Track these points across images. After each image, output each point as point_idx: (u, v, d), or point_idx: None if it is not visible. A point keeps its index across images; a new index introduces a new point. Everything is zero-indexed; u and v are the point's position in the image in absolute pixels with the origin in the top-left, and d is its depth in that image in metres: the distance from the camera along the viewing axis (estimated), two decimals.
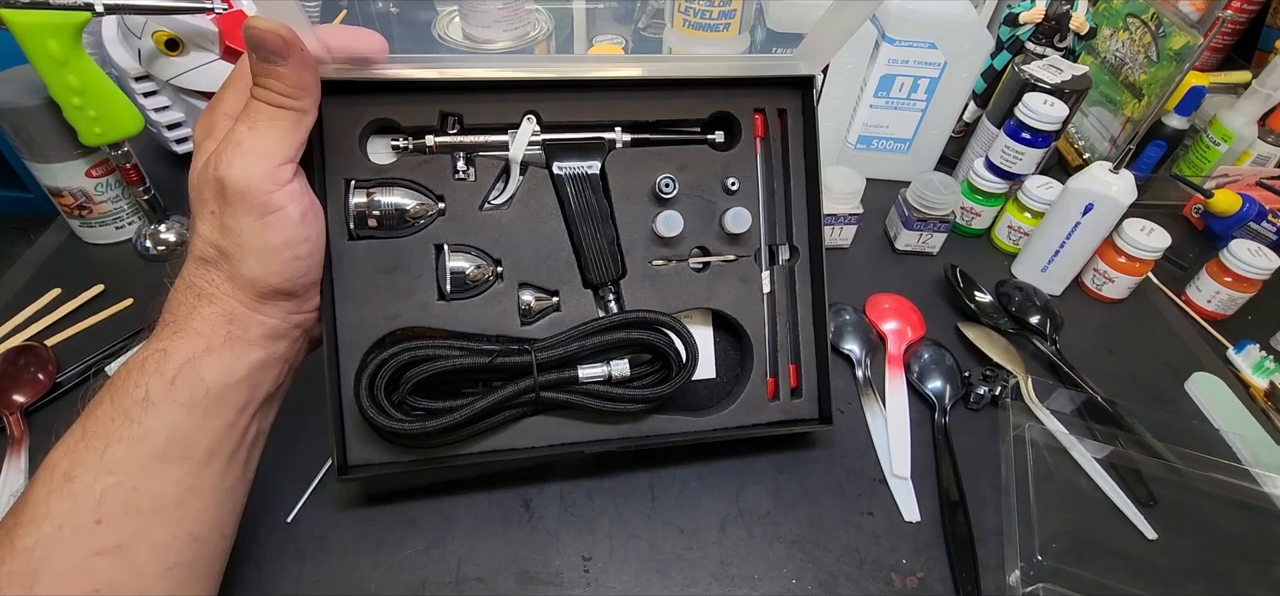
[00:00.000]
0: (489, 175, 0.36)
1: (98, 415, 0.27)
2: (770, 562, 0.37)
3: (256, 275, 0.28)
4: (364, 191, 0.33)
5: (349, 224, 0.33)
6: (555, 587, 0.36)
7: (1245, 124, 0.65)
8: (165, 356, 0.27)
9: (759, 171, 0.39)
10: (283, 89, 0.28)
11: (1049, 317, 0.51)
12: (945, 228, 0.57)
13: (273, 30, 0.26)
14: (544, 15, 0.61)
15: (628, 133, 0.37)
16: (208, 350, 0.28)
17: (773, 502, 0.40)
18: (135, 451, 0.26)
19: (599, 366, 0.35)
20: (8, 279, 0.51)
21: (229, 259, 0.28)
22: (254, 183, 0.27)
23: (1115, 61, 0.66)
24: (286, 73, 0.27)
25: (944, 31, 0.56)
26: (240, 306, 0.29)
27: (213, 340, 0.28)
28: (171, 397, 0.27)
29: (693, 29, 0.56)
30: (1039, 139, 0.55)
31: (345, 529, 0.38)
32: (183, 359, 0.27)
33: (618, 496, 0.40)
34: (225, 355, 0.28)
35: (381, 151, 0.34)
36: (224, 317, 0.28)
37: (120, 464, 0.26)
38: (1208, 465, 0.43)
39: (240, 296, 0.29)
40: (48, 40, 0.41)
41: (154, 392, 0.27)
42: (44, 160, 0.48)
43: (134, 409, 0.27)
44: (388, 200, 0.33)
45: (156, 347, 0.28)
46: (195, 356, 0.28)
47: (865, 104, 0.61)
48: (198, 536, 0.28)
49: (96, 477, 0.26)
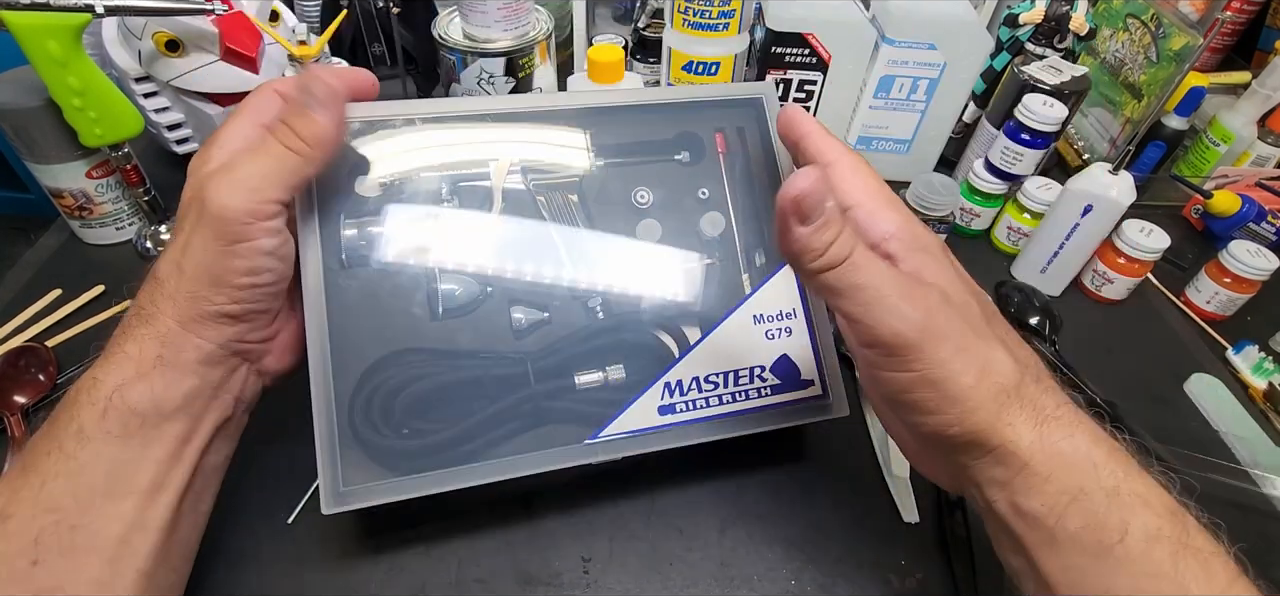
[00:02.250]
0: (473, 200, 0.36)
1: (36, 450, 0.26)
2: (769, 563, 0.37)
3: (201, 293, 0.27)
4: (354, 224, 0.34)
5: (341, 256, 0.33)
6: (555, 588, 0.36)
7: (1245, 124, 0.65)
8: (95, 385, 0.26)
9: (726, 183, 0.40)
10: (306, 135, 0.28)
11: (1048, 318, 0.51)
12: (945, 229, 0.57)
13: (328, 84, 0.28)
14: (544, 15, 0.61)
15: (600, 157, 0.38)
16: (138, 376, 0.26)
17: (772, 503, 0.40)
18: (72, 486, 0.25)
19: (595, 372, 0.36)
20: (8, 279, 0.51)
21: (181, 274, 0.27)
22: (233, 210, 0.26)
23: (1115, 62, 0.66)
24: (319, 122, 0.28)
25: (944, 32, 0.56)
26: (176, 326, 0.27)
27: (143, 364, 0.27)
28: (104, 429, 0.26)
29: (692, 29, 0.56)
30: (1038, 140, 0.55)
31: (345, 529, 0.38)
32: (112, 387, 0.26)
33: (618, 496, 0.40)
34: (155, 381, 0.27)
35: (369, 185, 0.35)
36: (156, 339, 0.27)
37: (59, 500, 0.25)
38: (1207, 466, 0.43)
39: (178, 314, 0.27)
40: (48, 41, 0.41)
41: (87, 424, 0.26)
42: (44, 161, 0.48)
43: (68, 442, 0.26)
44: (377, 230, 0.34)
45: (88, 376, 0.27)
46: (124, 383, 0.26)
47: (865, 105, 0.61)
48: (145, 572, 0.27)
49: (33, 516, 0.25)
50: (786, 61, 0.59)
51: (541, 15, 0.61)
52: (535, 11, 0.60)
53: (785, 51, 0.58)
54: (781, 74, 0.60)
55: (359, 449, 0.32)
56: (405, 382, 0.33)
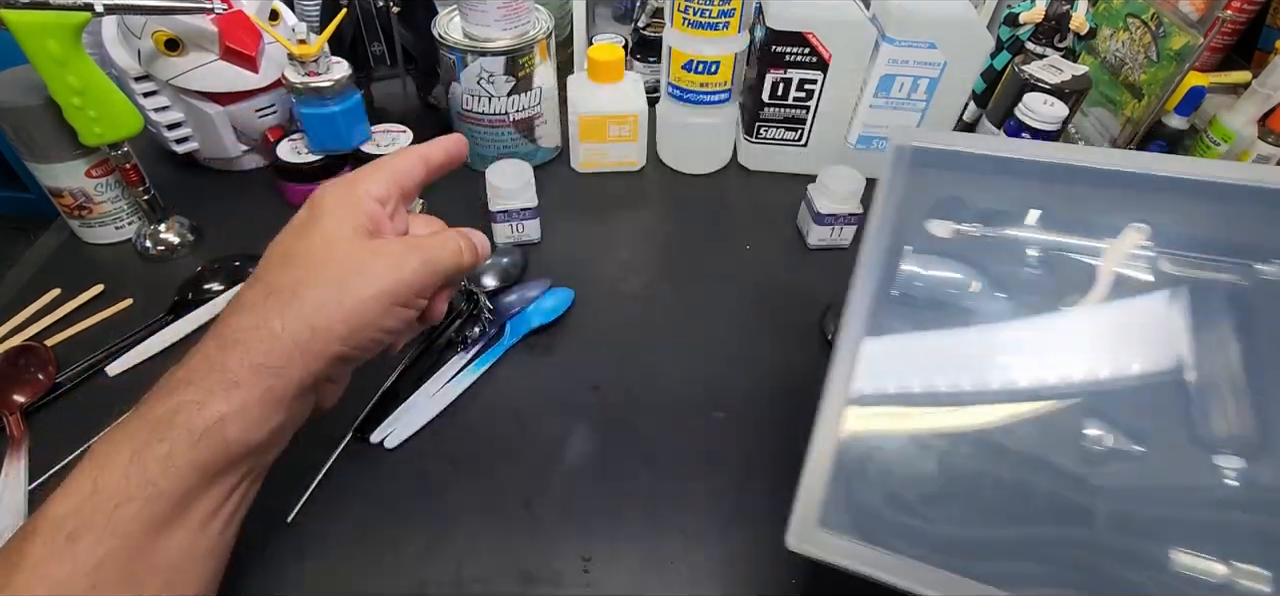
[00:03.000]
0: (1068, 274, 0.29)
1: (113, 465, 0.25)
2: (770, 563, 0.37)
3: (328, 317, 0.28)
4: (918, 261, 0.31)
5: (893, 288, 0.30)
6: (555, 587, 0.36)
7: (1245, 124, 0.65)
8: (199, 411, 0.26)
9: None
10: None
11: None
12: None
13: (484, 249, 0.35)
14: (544, 14, 0.61)
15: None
16: (242, 408, 0.26)
17: (772, 503, 0.40)
18: (145, 513, 0.25)
19: (1211, 560, 0.23)
20: (8, 279, 0.51)
21: (296, 292, 0.28)
22: (361, 198, 0.30)
23: (1115, 61, 0.66)
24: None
25: (944, 31, 0.56)
26: (295, 352, 0.27)
27: (249, 397, 0.26)
28: (193, 458, 0.25)
29: (692, 28, 0.56)
30: (1039, 139, 0.55)
31: (345, 529, 0.38)
32: (214, 417, 0.26)
33: (618, 496, 0.40)
34: (254, 413, 0.27)
35: (943, 226, 0.31)
36: (268, 370, 0.27)
37: (127, 527, 0.24)
38: None
39: (300, 340, 0.27)
40: (47, 40, 0.41)
41: (177, 452, 0.25)
42: (44, 160, 0.48)
43: (154, 466, 0.25)
44: (932, 274, 0.31)
45: (189, 400, 0.26)
46: (227, 415, 0.26)
47: (865, 104, 0.61)
48: (202, 584, 0.28)
49: (100, 540, 0.24)
50: (786, 61, 0.59)
51: (541, 15, 0.61)
52: (535, 11, 0.60)
53: (785, 51, 0.58)
54: (781, 73, 0.60)
55: (839, 492, 0.27)
56: (920, 448, 0.27)
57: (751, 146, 0.66)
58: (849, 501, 0.26)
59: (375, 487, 0.40)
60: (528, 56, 0.58)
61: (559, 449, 0.42)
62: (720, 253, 0.58)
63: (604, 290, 0.53)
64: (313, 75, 0.51)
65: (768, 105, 0.62)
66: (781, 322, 0.51)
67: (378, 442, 0.41)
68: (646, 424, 0.44)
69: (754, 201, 0.65)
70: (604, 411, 0.44)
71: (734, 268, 0.57)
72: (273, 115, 0.59)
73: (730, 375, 0.47)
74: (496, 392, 0.45)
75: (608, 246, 0.58)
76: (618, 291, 0.53)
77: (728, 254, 0.58)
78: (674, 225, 0.61)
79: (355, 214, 0.30)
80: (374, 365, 0.45)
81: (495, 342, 0.48)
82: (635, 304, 0.53)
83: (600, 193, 0.64)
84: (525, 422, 0.43)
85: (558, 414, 0.44)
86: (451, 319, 0.48)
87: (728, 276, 0.56)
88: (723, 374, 0.47)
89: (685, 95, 0.61)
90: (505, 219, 0.55)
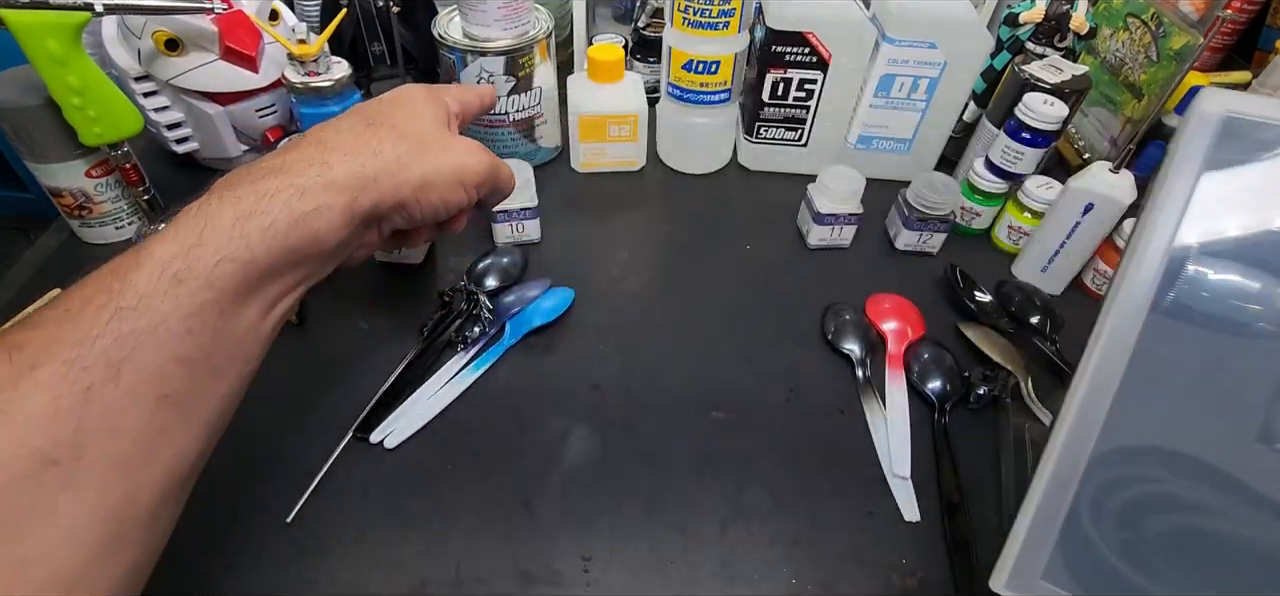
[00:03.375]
0: None
1: (218, 222, 0.26)
2: (770, 562, 0.37)
3: (414, 162, 0.33)
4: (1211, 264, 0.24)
5: (1171, 293, 0.24)
6: (555, 587, 0.36)
7: None
8: (299, 197, 0.28)
9: None
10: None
11: (1049, 318, 0.51)
12: (945, 228, 0.57)
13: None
14: (544, 14, 0.61)
15: None
16: (330, 207, 0.29)
17: (773, 503, 0.40)
18: (240, 275, 0.26)
19: None
20: (8, 279, 0.51)
21: (394, 132, 0.33)
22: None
23: (1115, 61, 0.66)
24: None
25: (944, 31, 0.56)
26: (385, 176, 0.31)
27: (339, 200, 0.29)
28: (287, 238, 0.27)
29: (692, 28, 0.56)
30: (1039, 139, 0.55)
31: (345, 529, 0.38)
32: (311, 206, 0.28)
33: (618, 496, 0.40)
34: (339, 217, 0.29)
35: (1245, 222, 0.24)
36: (360, 182, 0.30)
37: (223, 284, 0.26)
38: None
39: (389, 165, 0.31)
40: (47, 40, 0.41)
41: (277, 227, 0.27)
42: (44, 160, 0.48)
43: (254, 235, 0.26)
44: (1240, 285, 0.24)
45: (292, 183, 0.28)
46: (321, 208, 0.28)
47: (865, 104, 0.61)
48: (246, 376, 0.29)
49: (202, 289, 0.25)
50: (786, 60, 0.59)
51: (541, 14, 0.61)
52: (535, 11, 0.60)
53: (785, 50, 0.58)
54: (781, 73, 0.60)
55: (1067, 534, 0.24)
56: (1170, 501, 0.23)
57: (751, 146, 0.66)
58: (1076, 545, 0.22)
59: (375, 487, 0.40)
60: (528, 56, 0.58)
61: (559, 449, 0.42)
62: (720, 253, 0.58)
63: (604, 290, 0.53)
64: (313, 75, 0.51)
65: (768, 105, 0.62)
66: (781, 323, 0.51)
67: (378, 442, 0.41)
68: (646, 424, 0.44)
69: (754, 201, 0.65)
70: (604, 411, 0.44)
71: (734, 267, 0.57)
72: (273, 115, 0.59)
73: (730, 375, 0.47)
74: (496, 392, 0.45)
75: (608, 246, 0.58)
76: (618, 291, 0.53)
77: (728, 254, 0.58)
78: (674, 225, 0.61)
79: (438, 108, 0.36)
80: (374, 365, 0.45)
81: (495, 342, 0.48)
82: (635, 304, 0.53)
83: (600, 193, 0.64)
84: (525, 422, 0.43)
85: (558, 414, 0.44)
86: (452, 319, 0.48)
87: (728, 276, 0.56)
88: (723, 374, 0.47)
89: (685, 95, 0.61)
90: (505, 219, 0.55)
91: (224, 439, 0.29)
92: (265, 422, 0.42)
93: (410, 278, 0.54)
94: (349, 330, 0.49)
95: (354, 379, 0.45)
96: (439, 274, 0.55)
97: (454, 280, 0.52)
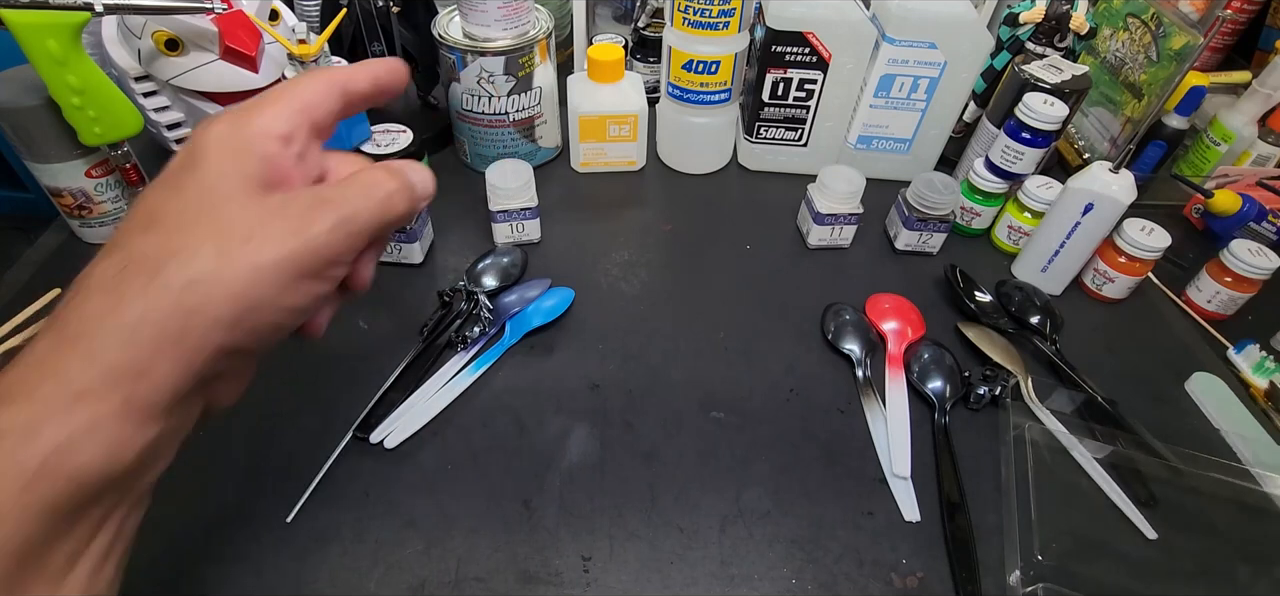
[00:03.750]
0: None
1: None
2: (770, 562, 0.37)
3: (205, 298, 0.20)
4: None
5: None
6: (555, 587, 0.36)
7: (1245, 124, 0.65)
8: (27, 440, 0.18)
9: None
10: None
11: (1049, 317, 0.51)
12: (945, 228, 0.57)
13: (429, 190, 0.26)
14: (544, 14, 0.61)
15: None
16: (92, 427, 0.19)
17: (773, 502, 0.40)
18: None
19: None
20: (8, 279, 0.51)
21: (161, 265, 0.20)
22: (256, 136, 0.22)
23: (1115, 61, 0.66)
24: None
25: (944, 31, 0.56)
26: (164, 347, 0.20)
27: (100, 411, 0.19)
28: (27, 502, 0.18)
29: (692, 28, 0.56)
30: (1039, 139, 0.55)
31: (345, 529, 0.38)
32: (50, 446, 0.18)
33: (618, 496, 0.40)
34: (110, 432, 0.19)
35: None
36: (125, 375, 0.19)
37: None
38: (1208, 465, 0.43)
39: (167, 322, 0.19)
40: (47, 40, 0.41)
41: (3, 497, 0.18)
42: (44, 160, 0.48)
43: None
44: None
45: (15, 423, 0.19)
46: (69, 440, 0.19)
47: (865, 104, 0.61)
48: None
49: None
50: (786, 60, 0.59)
51: (541, 14, 0.61)
52: (535, 11, 0.60)
53: (785, 50, 0.58)
54: (782, 73, 0.60)
55: None
56: None
57: (751, 146, 0.66)
58: None
59: (375, 487, 0.40)
60: (528, 56, 0.58)
61: (559, 449, 0.42)
62: (720, 253, 0.58)
63: (604, 290, 0.53)
64: None
65: (768, 105, 0.62)
66: (781, 322, 0.51)
67: (378, 442, 0.41)
68: (646, 424, 0.44)
69: (754, 201, 0.65)
70: (604, 411, 0.44)
71: (734, 267, 0.57)
72: None
73: (730, 375, 0.47)
74: (496, 392, 0.45)
75: (607, 246, 0.58)
76: (618, 291, 0.53)
77: (728, 254, 0.58)
78: (674, 225, 0.61)
79: (245, 159, 0.22)
80: (374, 365, 0.45)
81: (495, 342, 0.48)
82: (635, 304, 0.53)
83: (600, 192, 0.64)
84: (525, 422, 0.43)
85: (558, 414, 0.44)
86: (452, 318, 0.48)
87: (728, 276, 0.56)
88: (723, 374, 0.47)
89: (685, 95, 0.61)
90: (505, 218, 0.55)
91: (224, 440, 0.29)
92: (265, 422, 0.42)
93: (410, 278, 0.54)
94: (349, 330, 0.49)
95: (354, 379, 0.45)
96: (439, 274, 0.55)
97: (454, 280, 0.52)
